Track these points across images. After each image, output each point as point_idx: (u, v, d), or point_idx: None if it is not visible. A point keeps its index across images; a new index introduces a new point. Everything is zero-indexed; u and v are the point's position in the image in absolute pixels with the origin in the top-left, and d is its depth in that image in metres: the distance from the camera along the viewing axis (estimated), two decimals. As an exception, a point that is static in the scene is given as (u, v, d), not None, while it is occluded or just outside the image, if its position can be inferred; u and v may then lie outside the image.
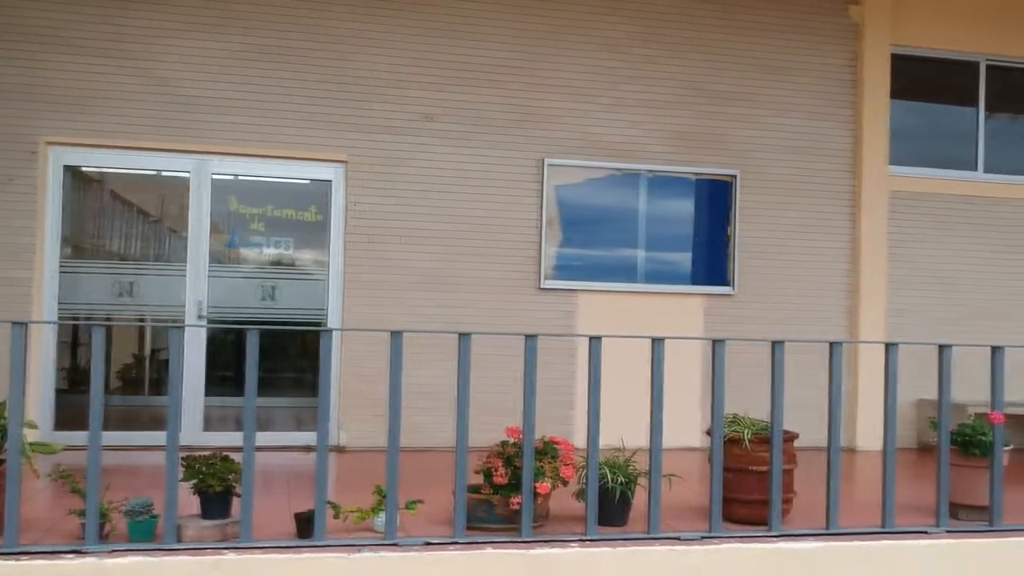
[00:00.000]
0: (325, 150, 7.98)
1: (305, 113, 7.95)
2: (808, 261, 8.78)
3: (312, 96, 7.97)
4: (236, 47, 7.86)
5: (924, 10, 9.07)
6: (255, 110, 7.87)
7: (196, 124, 7.78)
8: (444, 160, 8.16)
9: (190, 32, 7.79)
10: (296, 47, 7.95)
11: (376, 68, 8.08)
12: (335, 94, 8.00)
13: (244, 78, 7.86)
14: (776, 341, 4.86)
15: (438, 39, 8.18)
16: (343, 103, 8.02)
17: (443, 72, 8.19)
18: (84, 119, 7.60)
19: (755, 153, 8.71)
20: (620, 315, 8.30)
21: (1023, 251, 9.27)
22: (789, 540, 4.68)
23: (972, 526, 5.08)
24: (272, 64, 7.91)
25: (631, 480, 4.87)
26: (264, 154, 7.90)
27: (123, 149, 7.71)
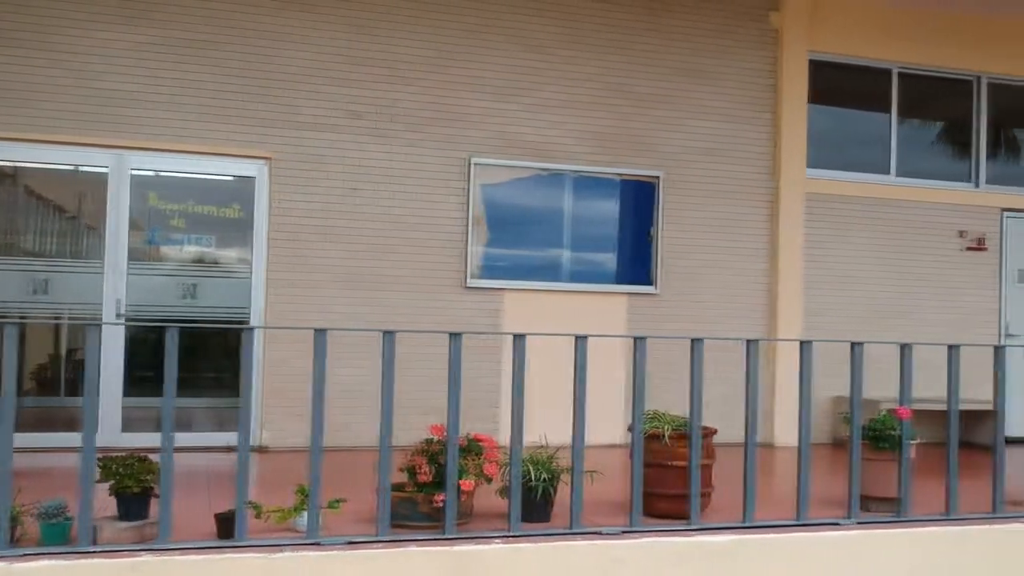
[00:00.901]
0: (248, 147, 7.88)
1: (228, 109, 7.84)
2: (729, 261, 8.98)
3: (236, 92, 7.86)
4: (158, 41, 7.71)
5: (840, 18, 9.34)
6: (177, 105, 7.73)
7: (116, 118, 7.61)
8: (370, 158, 8.13)
9: (111, 24, 7.62)
10: (220, 42, 7.84)
11: (302, 65, 8.01)
12: (259, 91, 7.91)
13: (166, 73, 7.72)
14: (695, 339, 4.97)
15: (364, 36, 8.15)
16: (267, 100, 7.93)
17: (370, 70, 8.15)
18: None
19: (678, 155, 8.87)
20: (546, 314, 8.37)
21: (932, 252, 9.62)
22: (707, 533, 4.78)
23: (881, 517, 5.24)
24: (194, 59, 7.78)
25: (554, 476, 4.92)
26: (185, 150, 7.77)
27: (38, 143, 7.50)
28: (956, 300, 9.70)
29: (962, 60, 9.77)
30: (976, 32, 9.65)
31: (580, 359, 4.70)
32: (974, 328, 9.69)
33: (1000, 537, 5.23)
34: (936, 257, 9.65)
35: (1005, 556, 5.23)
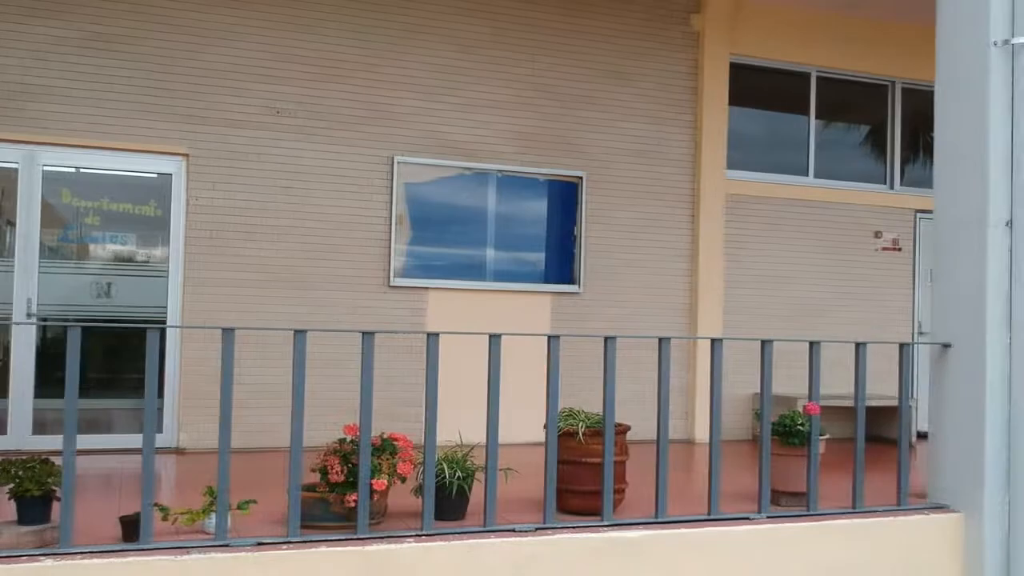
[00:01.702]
0: (166, 143, 7.74)
1: (146, 105, 7.69)
2: (651, 260, 9.09)
3: (153, 87, 7.71)
4: (72, 34, 7.53)
5: (760, 22, 9.52)
6: (91, 100, 7.55)
7: (26, 113, 7.41)
8: (292, 155, 8.05)
9: (23, 16, 7.41)
10: (137, 37, 7.68)
11: (222, 60, 7.89)
12: (178, 86, 7.77)
13: (80, 66, 7.54)
14: (608, 337, 5.02)
15: (287, 33, 8.06)
16: (186, 95, 7.79)
17: (292, 66, 8.07)
18: (-102, 104, 7.13)
19: (601, 156, 8.95)
20: (470, 313, 8.38)
21: (847, 252, 9.87)
22: (620, 529, 4.84)
23: (791, 511, 5.36)
24: (110, 53, 7.61)
25: (469, 475, 4.93)
26: (100, 146, 7.60)
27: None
28: (873, 299, 9.96)
29: (878, 65, 10.03)
30: (892, 38, 9.92)
31: (493, 358, 4.72)
32: (890, 326, 9.97)
33: (903, 528, 5.39)
34: (853, 257, 9.90)
35: (908, 547, 5.39)
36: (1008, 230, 5.47)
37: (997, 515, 5.37)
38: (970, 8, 5.64)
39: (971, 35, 5.63)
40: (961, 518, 5.47)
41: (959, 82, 5.74)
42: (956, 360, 5.64)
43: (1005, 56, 5.52)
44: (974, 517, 5.41)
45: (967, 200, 5.62)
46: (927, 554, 5.42)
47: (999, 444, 5.41)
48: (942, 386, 5.75)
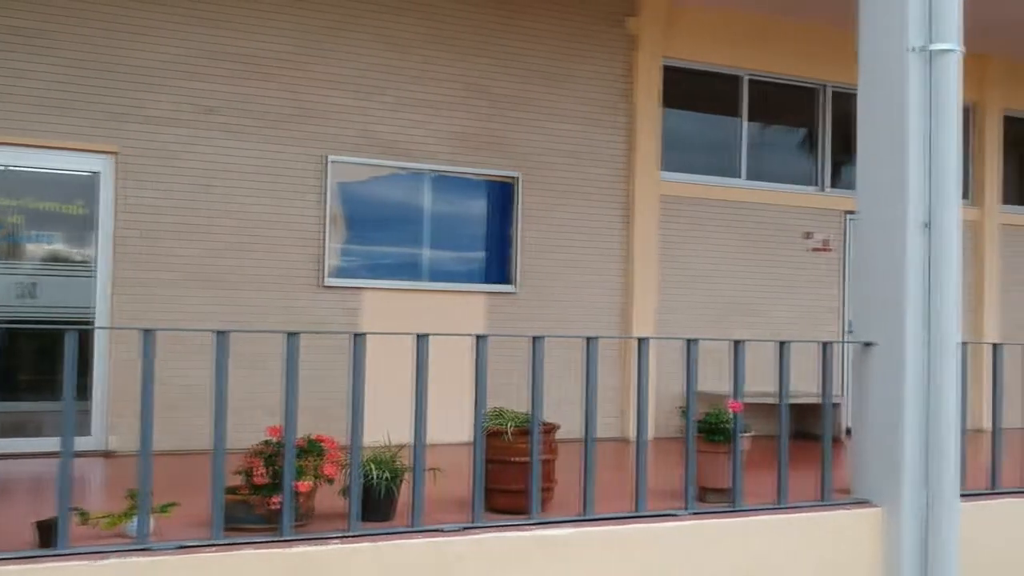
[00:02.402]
0: (92, 141, 7.59)
1: (71, 102, 7.53)
2: (585, 261, 9.16)
3: (79, 85, 7.55)
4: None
5: (694, 26, 9.65)
6: (15, 96, 7.38)
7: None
8: (223, 154, 7.95)
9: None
10: (61, 33, 7.52)
11: (152, 58, 7.76)
12: (106, 83, 7.63)
13: (1, 63, 7.35)
14: (536, 337, 5.05)
15: (218, 30, 7.96)
16: (114, 93, 7.65)
17: (223, 64, 7.97)
18: None
19: (536, 156, 8.99)
20: (405, 313, 8.36)
21: (779, 252, 10.05)
22: (547, 527, 4.86)
23: (716, 507, 5.44)
24: (33, 49, 7.43)
25: (396, 475, 4.92)
26: (25, 143, 7.42)
27: None
28: (803, 298, 10.16)
29: (809, 69, 10.23)
30: (822, 42, 10.11)
31: (421, 358, 4.72)
32: (821, 325, 10.17)
33: (826, 523, 5.51)
34: (785, 257, 10.08)
35: (831, 542, 5.51)
36: (926, 231, 5.61)
37: (915, 510, 5.50)
38: (889, 15, 5.77)
39: (890, 41, 5.76)
40: (882, 513, 5.60)
41: (880, 87, 5.88)
42: (877, 358, 5.77)
43: (923, 62, 5.66)
44: (894, 512, 5.54)
45: (887, 202, 5.76)
46: (849, 548, 5.54)
47: (918, 441, 5.55)
48: (864, 384, 5.89)
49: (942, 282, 5.56)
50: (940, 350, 5.56)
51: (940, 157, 5.60)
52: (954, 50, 5.59)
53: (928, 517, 5.50)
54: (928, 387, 5.58)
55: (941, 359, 5.55)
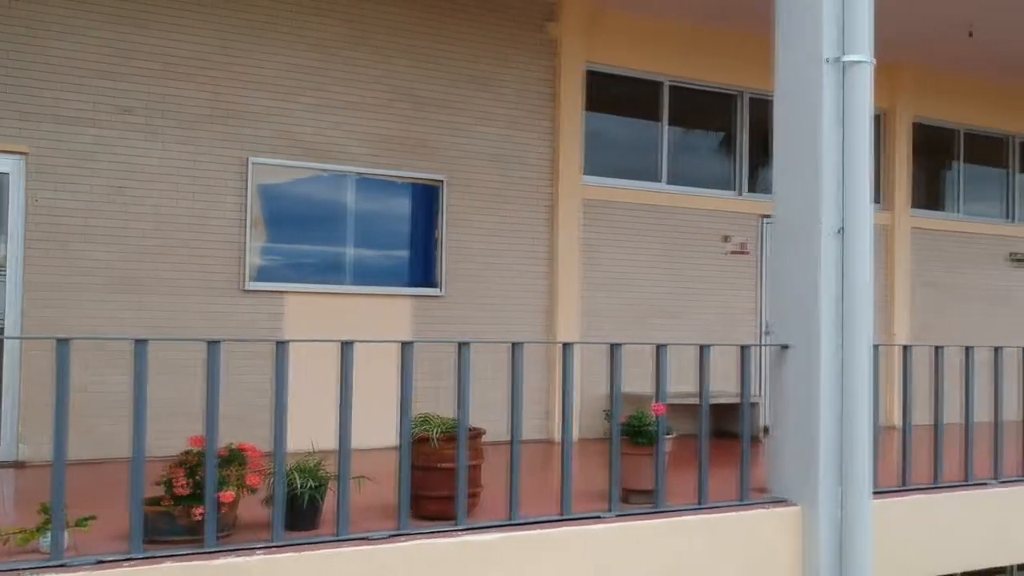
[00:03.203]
0: (2, 140, 7.33)
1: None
2: (511, 264, 9.21)
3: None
4: None
5: (614, 32, 9.77)
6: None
7: None
8: (140, 155, 7.76)
9: None
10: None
11: (63, 56, 7.53)
12: (16, 82, 7.38)
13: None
14: (462, 343, 5.06)
15: (134, 28, 7.77)
16: (24, 91, 7.40)
17: (136, 63, 7.77)
18: None
19: (461, 159, 9.00)
20: (329, 317, 8.28)
21: (700, 255, 10.25)
22: (474, 533, 4.88)
23: (640, 509, 5.53)
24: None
25: (321, 483, 4.88)
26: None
27: None
28: (722, 300, 10.38)
29: (727, 76, 10.45)
30: (740, 50, 10.32)
31: (346, 367, 4.69)
32: (738, 326, 10.41)
33: (746, 522, 5.65)
34: (703, 260, 10.29)
35: (750, 540, 5.65)
36: (840, 237, 5.79)
37: (831, 508, 5.67)
38: (804, 28, 5.94)
39: (805, 52, 5.93)
40: (799, 511, 5.76)
41: (795, 96, 6.04)
42: (793, 360, 5.93)
43: (837, 73, 5.83)
44: (810, 510, 5.70)
45: (803, 208, 5.92)
46: (768, 547, 5.69)
47: (833, 441, 5.72)
48: (781, 385, 6.04)
49: (855, 286, 5.74)
50: (854, 353, 5.74)
51: (853, 166, 5.78)
52: (866, 61, 5.78)
53: (843, 515, 5.67)
54: (842, 389, 5.75)
55: (855, 361, 5.73)
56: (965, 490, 6.63)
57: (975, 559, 6.88)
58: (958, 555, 6.64)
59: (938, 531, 6.47)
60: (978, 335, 11.92)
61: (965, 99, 12.19)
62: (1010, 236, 12.73)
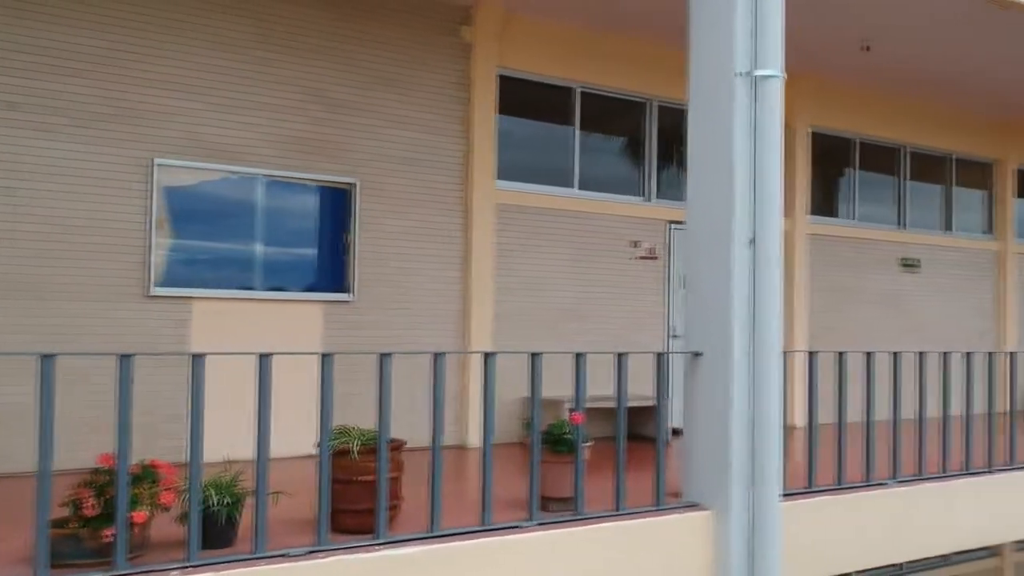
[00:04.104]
0: None
1: None
2: (424, 268, 9.14)
3: None
4: None
5: (527, 37, 9.80)
6: None
7: None
8: (30, 154, 7.39)
9: None
10: None
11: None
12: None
13: None
14: (384, 354, 4.99)
15: (23, 20, 7.40)
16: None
17: (24, 56, 7.39)
18: None
19: (373, 163, 8.89)
20: (238, 323, 8.08)
21: (610, 260, 10.37)
22: (394, 547, 4.82)
23: (559, 517, 5.55)
24: None
25: (238, 500, 4.75)
26: None
27: None
28: (631, 304, 10.53)
29: (636, 84, 10.60)
30: (648, 58, 10.50)
31: (263, 379, 4.57)
32: (646, 330, 10.57)
33: (661, 528, 5.73)
34: (614, 265, 10.41)
35: (666, 545, 5.74)
36: (752, 247, 5.93)
37: (742, 511, 5.81)
38: (718, 41, 6.06)
39: (718, 66, 6.05)
40: (711, 515, 5.87)
41: (708, 108, 6.16)
42: (706, 367, 6.05)
43: (748, 87, 5.97)
44: (723, 514, 5.83)
45: (715, 219, 6.04)
46: (682, 551, 5.79)
47: (744, 446, 5.86)
48: (694, 391, 6.16)
49: (766, 295, 5.89)
50: (764, 359, 5.88)
51: (764, 178, 5.92)
52: (777, 76, 5.93)
53: (754, 518, 5.82)
54: (753, 395, 5.89)
55: (765, 368, 5.88)
56: (866, 490, 6.88)
57: (876, 557, 7.16)
58: (860, 554, 6.89)
59: (842, 531, 6.70)
60: (873, 336, 12.46)
61: (861, 110, 12.67)
62: (901, 242, 13.29)
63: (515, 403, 9.33)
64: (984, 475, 7.68)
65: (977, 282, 14.20)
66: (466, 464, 8.22)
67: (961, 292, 13.95)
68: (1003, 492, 7.80)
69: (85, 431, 6.23)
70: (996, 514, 7.83)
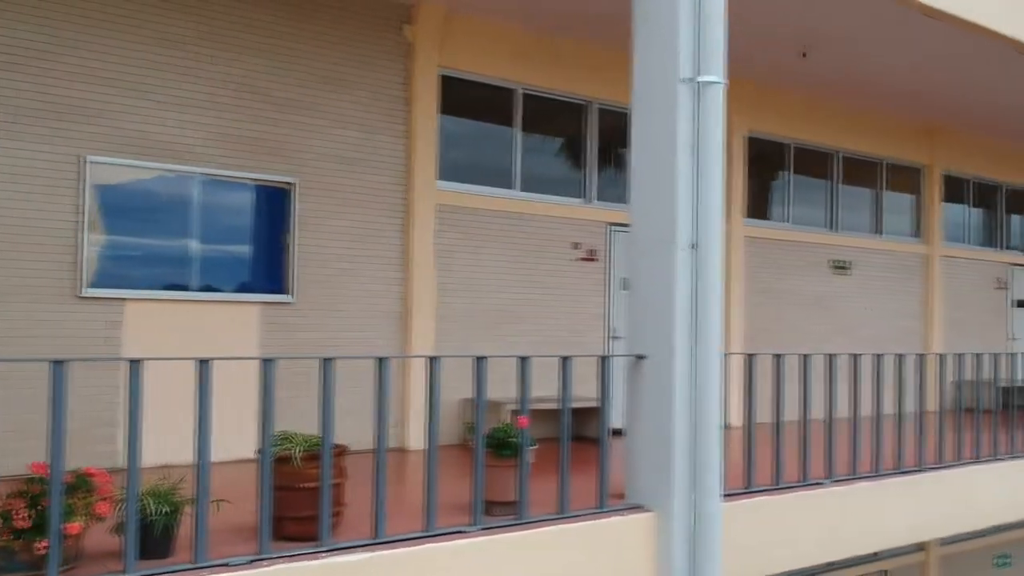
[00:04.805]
0: None
1: None
2: (365, 269, 9.04)
3: None
4: None
5: (469, 38, 9.75)
6: None
7: None
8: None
9: None
10: None
11: None
12: None
13: None
14: (327, 358, 4.92)
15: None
16: None
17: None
18: None
19: (314, 162, 8.77)
20: (173, 324, 7.90)
21: (552, 262, 10.39)
22: (338, 554, 4.76)
23: (504, 521, 5.54)
24: None
25: (176, 509, 4.63)
26: None
27: None
28: (572, 306, 10.56)
29: (577, 85, 10.63)
30: (589, 61, 10.55)
31: (203, 385, 4.46)
32: (587, 331, 10.62)
33: (604, 530, 5.76)
34: (554, 266, 10.43)
35: (609, 547, 5.77)
36: (693, 252, 5.99)
37: (684, 513, 5.87)
38: (661, 47, 6.11)
39: (662, 71, 6.10)
40: (654, 517, 5.93)
41: (651, 113, 6.21)
42: (649, 370, 6.10)
43: (691, 92, 6.03)
44: (665, 515, 5.88)
45: (658, 223, 6.09)
46: (625, 553, 5.82)
47: (686, 446, 5.92)
48: (637, 394, 6.20)
49: (707, 299, 5.96)
50: (706, 362, 5.95)
51: (706, 183, 5.99)
52: (719, 82, 6.01)
53: (696, 519, 5.88)
54: (695, 397, 5.95)
55: (707, 370, 5.95)
56: (803, 490, 7.01)
57: (812, 556, 7.31)
58: (798, 553, 7.02)
59: (780, 531, 6.81)
60: (805, 337, 12.71)
61: (796, 115, 12.91)
62: (832, 244, 13.57)
63: (456, 405, 9.28)
64: (915, 474, 7.89)
65: (905, 284, 14.58)
66: (407, 467, 8.16)
67: (890, 294, 14.31)
68: (932, 490, 8.02)
69: (24, 436, 6.02)
70: (926, 512, 8.06)
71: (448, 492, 6.02)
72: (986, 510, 8.76)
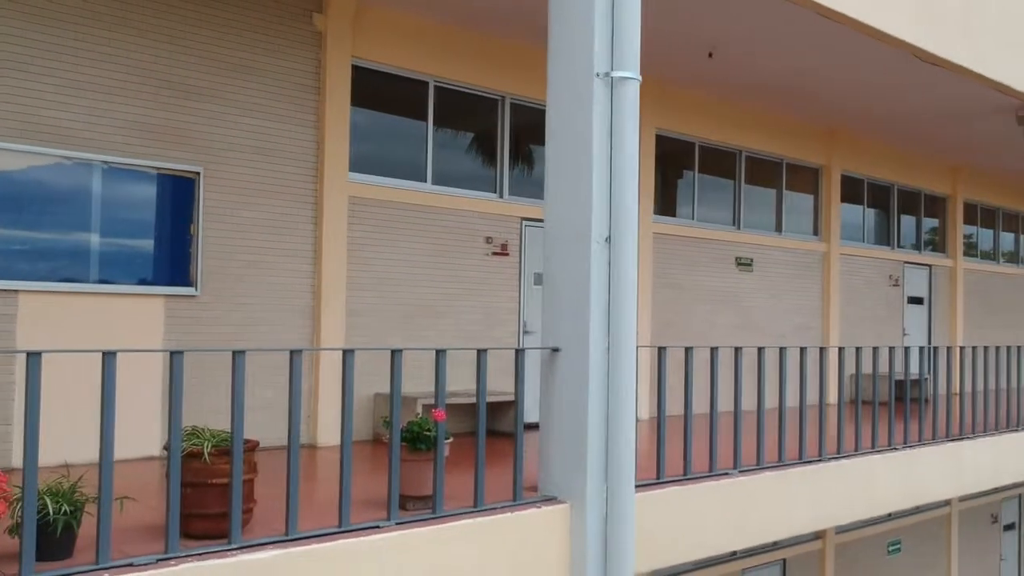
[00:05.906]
0: None
1: None
2: (274, 262, 8.85)
3: None
4: None
5: (381, 28, 9.64)
6: None
7: None
8: None
9: None
10: None
11: None
12: None
13: None
14: (237, 351, 4.79)
15: None
16: None
17: None
18: None
19: (221, 151, 8.53)
20: (72, 318, 7.58)
21: (464, 256, 10.35)
22: (250, 551, 4.65)
23: (418, 515, 5.50)
24: None
25: (77, 508, 4.45)
26: None
27: None
28: (485, 300, 10.55)
29: (490, 80, 10.61)
30: (502, 56, 10.55)
31: (108, 381, 4.29)
32: (500, 325, 10.63)
33: (520, 522, 5.77)
34: (467, 260, 10.40)
35: (524, 539, 5.78)
36: (608, 246, 6.04)
37: (597, 504, 5.92)
38: (576, 42, 6.14)
39: (577, 66, 6.13)
40: (568, 508, 5.97)
41: (567, 108, 6.23)
42: (564, 363, 6.13)
43: (606, 87, 6.08)
44: (579, 507, 5.93)
45: (573, 217, 6.12)
46: (541, 544, 5.85)
47: (600, 439, 5.97)
48: (551, 386, 6.22)
49: (621, 293, 6.02)
50: (619, 355, 6.01)
51: (621, 177, 6.05)
52: (634, 78, 6.07)
53: (609, 510, 5.94)
54: (609, 389, 6.01)
55: (620, 363, 6.01)
56: (711, 480, 7.16)
57: (720, 544, 7.47)
58: (707, 542, 7.18)
59: (689, 520, 6.94)
60: (710, 331, 13.00)
61: (702, 114, 13.16)
62: (737, 242, 13.90)
63: (367, 399, 9.19)
64: (817, 463, 8.14)
65: (805, 281, 15.04)
66: (318, 464, 8.03)
67: (790, 290, 14.74)
68: (833, 479, 8.29)
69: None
70: (827, 500, 8.33)
71: (361, 488, 5.95)
72: (883, 498, 9.10)
